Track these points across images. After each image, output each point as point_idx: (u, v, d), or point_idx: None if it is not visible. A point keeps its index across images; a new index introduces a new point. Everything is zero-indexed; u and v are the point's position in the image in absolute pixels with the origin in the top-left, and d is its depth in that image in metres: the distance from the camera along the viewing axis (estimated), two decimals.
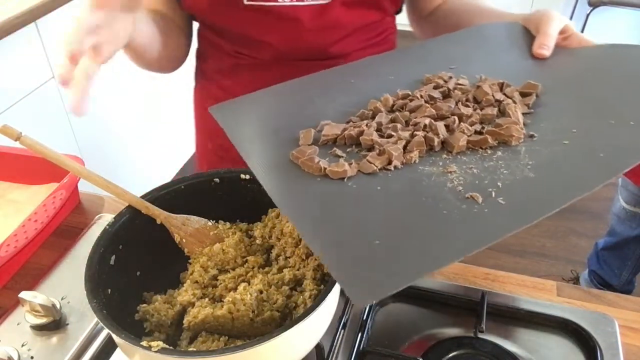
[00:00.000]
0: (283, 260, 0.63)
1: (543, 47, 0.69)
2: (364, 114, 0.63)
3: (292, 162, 0.57)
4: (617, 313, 0.68)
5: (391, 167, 0.55)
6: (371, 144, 0.57)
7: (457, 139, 0.57)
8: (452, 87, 0.65)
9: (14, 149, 0.91)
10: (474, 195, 0.50)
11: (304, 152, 0.56)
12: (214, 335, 0.58)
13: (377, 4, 0.82)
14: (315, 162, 0.55)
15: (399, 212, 0.50)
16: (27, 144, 0.56)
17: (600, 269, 1.78)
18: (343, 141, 0.59)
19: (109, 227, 0.60)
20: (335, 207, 0.51)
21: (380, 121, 0.60)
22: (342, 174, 0.54)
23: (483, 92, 0.63)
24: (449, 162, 0.55)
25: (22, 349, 0.65)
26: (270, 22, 0.78)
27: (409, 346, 0.65)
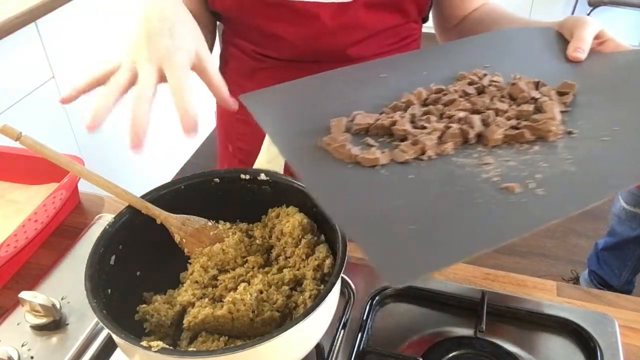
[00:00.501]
0: (283, 260, 0.63)
1: (578, 50, 0.69)
2: (396, 106, 0.62)
3: (323, 149, 0.56)
4: (617, 313, 0.68)
5: (424, 157, 0.54)
6: (404, 134, 0.57)
7: (493, 132, 0.56)
8: (487, 83, 0.65)
9: (14, 149, 0.91)
10: (510, 185, 0.49)
11: (335, 139, 0.56)
12: (214, 335, 0.58)
13: (399, 7, 0.81)
14: (347, 148, 0.54)
15: (433, 199, 0.50)
16: (27, 144, 0.56)
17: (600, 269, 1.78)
18: (375, 131, 0.59)
19: (109, 227, 0.60)
20: (367, 193, 0.51)
21: (414, 113, 0.60)
22: (373, 162, 0.53)
23: (519, 89, 0.63)
24: (484, 155, 0.55)
25: (22, 349, 0.65)
26: (291, 18, 0.78)
27: (409, 346, 0.65)
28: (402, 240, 0.45)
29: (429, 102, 0.63)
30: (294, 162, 0.55)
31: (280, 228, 0.64)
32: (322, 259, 0.60)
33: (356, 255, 0.77)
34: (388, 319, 0.69)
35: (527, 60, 0.72)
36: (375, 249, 0.45)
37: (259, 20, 0.81)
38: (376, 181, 0.52)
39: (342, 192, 0.52)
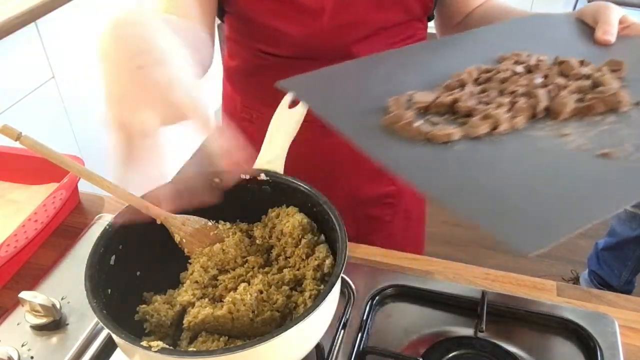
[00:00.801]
0: (283, 260, 0.63)
1: (607, 34, 0.69)
2: (450, 85, 0.61)
3: (387, 128, 0.55)
4: (617, 313, 0.68)
5: (497, 132, 0.53)
6: (468, 110, 0.56)
7: (563, 104, 0.55)
8: (534, 63, 0.64)
9: (14, 149, 0.91)
10: (610, 151, 0.48)
11: (400, 117, 0.54)
12: (214, 335, 0.58)
13: (404, 4, 0.81)
14: (415, 125, 0.53)
15: (528, 170, 0.49)
16: (27, 144, 0.56)
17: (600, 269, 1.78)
18: (436, 109, 0.57)
19: (109, 227, 0.60)
20: (458, 169, 0.50)
21: (472, 90, 0.59)
22: (446, 137, 0.52)
23: (570, 66, 0.62)
24: (558, 128, 0.54)
25: (22, 349, 0.65)
26: (294, 14, 0.78)
27: (409, 346, 0.65)
28: (521, 211, 0.44)
29: (481, 80, 0.62)
30: (363, 143, 0.53)
31: (280, 228, 0.64)
32: (322, 259, 0.60)
33: (356, 255, 0.77)
34: (388, 319, 0.69)
35: (558, 44, 0.71)
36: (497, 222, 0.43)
37: (262, 15, 0.81)
38: (458, 157, 0.51)
39: (429, 170, 0.50)
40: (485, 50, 0.70)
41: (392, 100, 0.57)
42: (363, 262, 0.76)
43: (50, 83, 1.61)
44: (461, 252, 2.09)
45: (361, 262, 0.76)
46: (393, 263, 0.76)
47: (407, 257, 0.77)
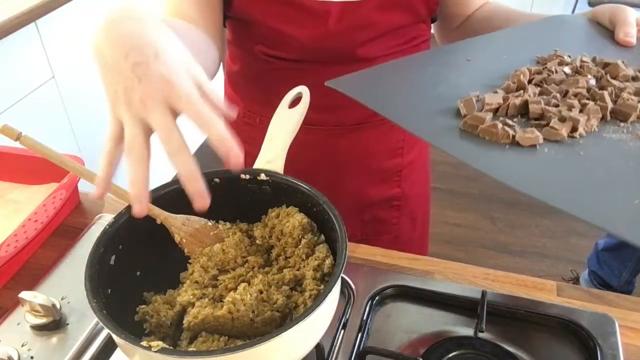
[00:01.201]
0: (283, 260, 0.63)
1: (629, 35, 0.69)
2: (509, 87, 0.61)
3: (464, 130, 0.54)
4: (617, 313, 0.68)
5: (576, 134, 0.53)
6: (541, 112, 0.56)
7: (632, 107, 0.55)
8: (579, 64, 0.64)
9: (14, 149, 0.91)
10: None
11: (481, 119, 0.54)
12: (214, 335, 0.58)
13: (410, 7, 0.81)
14: (501, 128, 0.52)
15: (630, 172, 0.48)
16: (27, 144, 0.56)
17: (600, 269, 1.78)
18: (505, 111, 0.57)
19: (109, 227, 0.60)
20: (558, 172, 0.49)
21: (535, 92, 0.59)
22: (534, 141, 0.52)
23: (618, 67, 0.62)
24: (633, 130, 0.54)
25: (22, 349, 0.65)
26: (300, 16, 0.78)
27: (409, 346, 0.65)
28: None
29: (535, 82, 0.62)
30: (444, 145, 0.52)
31: (280, 228, 0.64)
32: (322, 259, 0.60)
33: (356, 255, 0.77)
34: (388, 319, 0.69)
35: (585, 45, 0.71)
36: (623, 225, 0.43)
37: (268, 18, 0.81)
38: (550, 160, 0.50)
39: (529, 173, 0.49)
40: (520, 51, 0.69)
41: (463, 102, 0.57)
42: (363, 262, 0.76)
43: (50, 83, 1.61)
44: (461, 252, 2.10)
45: (361, 262, 0.76)
46: (393, 263, 0.76)
47: (407, 257, 0.77)
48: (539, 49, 0.69)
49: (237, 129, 0.97)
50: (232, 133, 0.51)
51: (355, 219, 0.96)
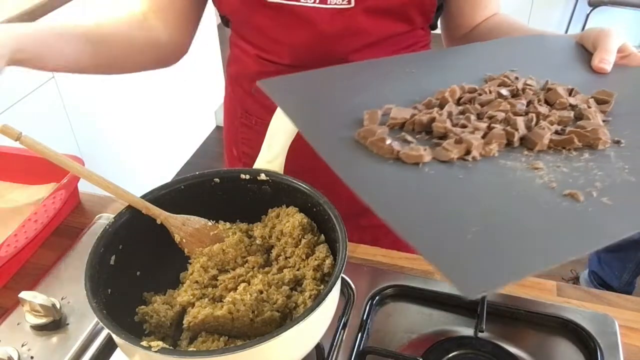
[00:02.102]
0: (283, 260, 0.63)
1: (604, 61, 0.68)
2: (430, 102, 0.60)
3: (358, 142, 0.54)
4: (617, 313, 0.68)
5: (469, 157, 0.52)
6: (444, 131, 0.55)
7: (540, 136, 0.54)
8: (521, 87, 0.63)
9: (14, 149, 0.91)
10: (573, 192, 0.47)
11: (372, 132, 0.53)
12: (214, 335, 0.58)
13: (404, 15, 0.79)
14: (387, 143, 0.52)
15: (492, 202, 0.47)
16: (27, 144, 0.56)
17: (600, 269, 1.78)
18: (411, 126, 0.57)
19: (109, 227, 0.60)
20: (418, 193, 0.48)
21: (451, 111, 0.58)
22: (417, 159, 0.51)
23: (557, 94, 0.61)
24: (532, 160, 0.53)
25: (22, 349, 0.65)
26: (291, 22, 0.78)
27: (409, 346, 0.65)
28: (470, 247, 0.42)
29: (463, 100, 0.61)
30: (328, 157, 0.52)
31: (280, 228, 0.64)
32: (322, 259, 0.60)
33: (356, 255, 0.77)
34: (388, 319, 0.69)
35: (552, 67, 0.70)
36: (441, 256, 0.42)
37: (260, 23, 0.81)
38: (423, 180, 0.50)
39: (389, 192, 0.49)
40: (476, 68, 0.68)
41: (368, 114, 0.56)
42: (363, 262, 0.76)
43: (50, 83, 1.61)
44: None
45: (361, 262, 0.76)
46: (393, 263, 0.76)
47: (407, 257, 0.77)
48: (498, 67, 0.68)
49: (235, 130, 0.97)
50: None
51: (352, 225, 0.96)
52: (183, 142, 2.46)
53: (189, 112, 2.45)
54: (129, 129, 2.02)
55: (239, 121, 0.95)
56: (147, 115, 2.11)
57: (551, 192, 0.48)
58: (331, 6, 0.76)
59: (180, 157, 2.45)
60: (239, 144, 0.97)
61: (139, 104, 2.05)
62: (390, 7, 0.77)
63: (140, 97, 2.04)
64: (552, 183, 0.49)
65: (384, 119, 0.57)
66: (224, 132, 1.04)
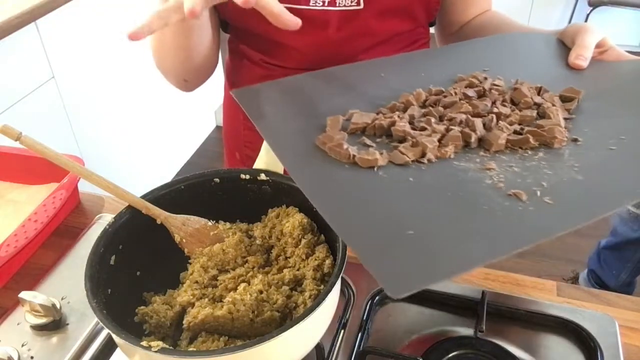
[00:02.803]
0: (283, 260, 0.63)
1: (580, 58, 0.68)
2: (395, 106, 0.61)
3: (319, 148, 0.55)
4: (617, 313, 0.68)
5: (424, 159, 0.53)
6: (403, 135, 0.56)
7: (496, 137, 0.55)
8: (488, 87, 0.64)
9: (14, 149, 0.91)
10: (517, 192, 0.48)
11: (331, 138, 0.54)
12: (214, 335, 0.58)
13: (410, 13, 0.80)
14: (344, 148, 0.53)
15: (434, 204, 0.48)
16: (27, 144, 0.56)
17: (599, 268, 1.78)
18: (373, 131, 0.57)
19: (109, 227, 0.60)
20: (365, 196, 0.49)
21: (413, 114, 0.59)
22: (372, 163, 0.52)
23: (521, 93, 0.61)
24: (487, 160, 0.54)
25: (22, 349, 0.65)
26: (300, 27, 0.78)
27: (409, 346, 0.65)
28: (403, 248, 0.43)
29: (428, 103, 0.62)
30: (285, 161, 0.53)
31: (280, 228, 0.64)
32: (322, 259, 0.60)
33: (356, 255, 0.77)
34: (388, 319, 0.69)
35: (528, 65, 0.71)
36: (374, 257, 0.43)
37: (266, 28, 0.80)
38: (374, 183, 0.51)
39: (337, 195, 0.50)
40: (449, 69, 0.69)
41: (330, 120, 0.57)
42: None
43: (50, 83, 1.61)
44: None
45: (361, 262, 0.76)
46: None
47: None
48: (471, 67, 0.68)
49: (238, 134, 0.97)
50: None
51: None
52: (183, 142, 2.46)
53: (189, 112, 2.45)
54: (129, 129, 2.02)
55: (242, 124, 0.95)
56: (147, 115, 2.11)
57: (497, 192, 0.49)
58: (340, 8, 0.76)
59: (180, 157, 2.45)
60: (242, 148, 0.97)
61: (139, 104, 2.05)
62: (398, 6, 0.78)
63: (141, 97, 2.04)
64: (500, 183, 0.50)
65: (346, 124, 0.58)
66: (225, 137, 1.03)
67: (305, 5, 0.76)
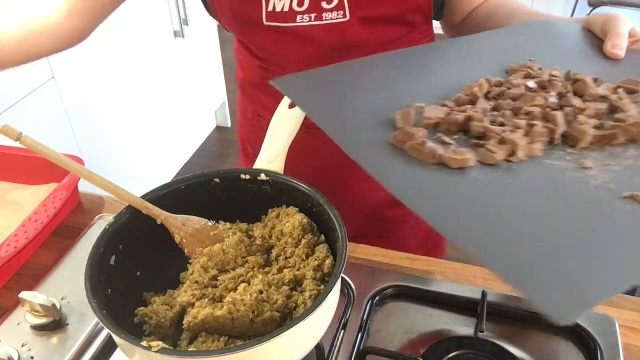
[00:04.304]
0: (283, 260, 0.63)
1: (617, 47, 0.66)
2: (460, 99, 0.57)
3: (394, 145, 0.50)
4: (617, 313, 0.68)
5: (514, 158, 0.49)
6: (483, 131, 0.51)
7: (582, 132, 0.50)
8: (547, 78, 0.60)
9: (14, 149, 0.91)
10: (635, 194, 0.44)
11: (411, 135, 0.50)
12: (214, 335, 0.58)
13: (402, 19, 0.78)
14: (429, 146, 0.48)
15: (546, 209, 0.44)
16: (27, 144, 0.56)
17: None
18: (446, 126, 0.53)
19: (109, 227, 0.60)
20: (472, 203, 0.45)
21: (484, 107, 0.55)
22: (463, 163, 0.48)
23: (586, 85, 0.57)
24: (577, 158, 0.50)
25: (22, 349, 0.65)
26: (289, 41, 0.78)
27: (409, 346, 0.65)
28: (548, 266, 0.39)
29: (492, 95, 0.58)
30: (366, 163, 0.48)
31: (280, 228, 0.64)
32: (322, 259, 0.60)
33: (356, 255, 0.77)
34: (388, 319, 0.69)
35: (566, 55, 0.67)
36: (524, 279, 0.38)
37: (259, 41, 0.81)
38: (472, 187, 0.46)
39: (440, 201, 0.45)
40: (491, 59, 0.65)
41: (400, 114, 0.53)
42: (363, 262, 0.76)
43: (50, 83, 1.61)
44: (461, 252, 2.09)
45: (361, 262, 0.76)
46: (393, 263, 0.76)
47: (407, 257, 0.77)
48: (515, 57, 0.65)
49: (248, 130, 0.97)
50: None
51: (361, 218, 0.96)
52: (183, 142, 2.45)
53: (189, 112, 2.45)
54: (129, 129, 2.02)
55: (249, 122, 0.95)
56: (147, 115, 2.11)
57: (610, 194, 0.45)
58: (327, 22, 0.75)
59: (180, 157, 2.45)
60: (254, 143, 0.98)
61: (139, 104, 2.05)
62: (386, 15, 0.77)
63: (140, 97, 2.04)
64: (609, 184, 0.46)
65: (417, 120, 0.54)
66: (239, 131, 1.05)
67: (292, 22, 0.76)
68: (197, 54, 2.36)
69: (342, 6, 0.74)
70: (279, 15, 0.76)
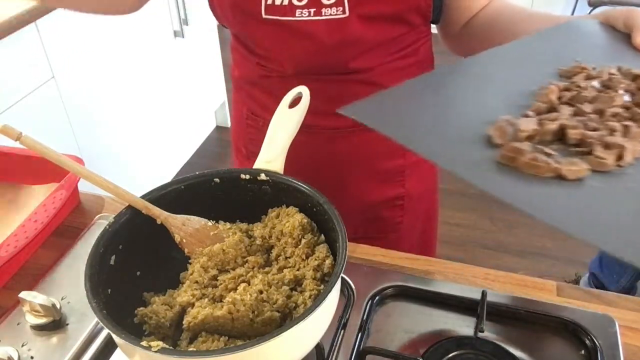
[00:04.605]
0: (283, 260, 0.63)
1: None
2: (539, 107, 0.55)
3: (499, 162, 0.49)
4: (617, 313, 0.68)
5: (622, 162, 0.48)
6: (580, 137, 0.51)
7: None
8: (606, 77, 0.59)
9: (14, 149, 0.91)
10: None
11: (521, 151, 0.49)
12: (214, 335, 0.58)
13: (401, 18, 0.78)
14: (543, 160, 0.47)
15: None
16: (27, 144, 0.56)
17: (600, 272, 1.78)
18: (539, 137, 0.52)
19: (109, 227, 0.60)
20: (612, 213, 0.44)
21: (570, 114, 0.54)
22: (580, 173, 0.47)
23: None
24: None
25: (22, 349, 0.65)
26: (288, 36, 0.78)
27: (409, 346, 0.65)
28: None
29: (564, 100, 0.57)
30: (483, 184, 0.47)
31: (280, 228, 0.64)
32: (322, 259, 0.60)
33: (356, 255, 0.77)
34: (388, 319, 0.69)
35: (603, 52, 0.67)
36: None
37: (258, 37, 0.81)
38: (600, 196, 0.46)
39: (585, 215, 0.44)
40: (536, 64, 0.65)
41: (495, 130, 0.52)
42: (363, 262, 0.76)
43: (50, 83, 1.61)
44: (461, 252, 2.09)
45: (361, 262, 0.76)
46: (393, 263, 0.76)
47: (407, 257, 0.77)
48: (558, 60, 0.64)
49: (243, 130, 0.97)
50: None
51: (358, 218, 0.96)
52: (183, 142, 2.45)
53: (189, 112, 2.45)
54: (129, 129, 2.02)
55: (245, 122, 0.95)
56: (147, 115, 2.11)
57: None
58: (326, 17, 0.76)
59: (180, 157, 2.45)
60: (248, 144, 0.98)
61: (139, 104, 2.05)
62: (385, 13, 0.77)
63: (141, 97, 2.04)
64: None
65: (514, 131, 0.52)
66: (232, 131, 1.04)
67: (291, 17, 0.76)
68: (197, 54, 2.36)
69: (342, 2, 0.75)
70: (279, 9, 0.76)
